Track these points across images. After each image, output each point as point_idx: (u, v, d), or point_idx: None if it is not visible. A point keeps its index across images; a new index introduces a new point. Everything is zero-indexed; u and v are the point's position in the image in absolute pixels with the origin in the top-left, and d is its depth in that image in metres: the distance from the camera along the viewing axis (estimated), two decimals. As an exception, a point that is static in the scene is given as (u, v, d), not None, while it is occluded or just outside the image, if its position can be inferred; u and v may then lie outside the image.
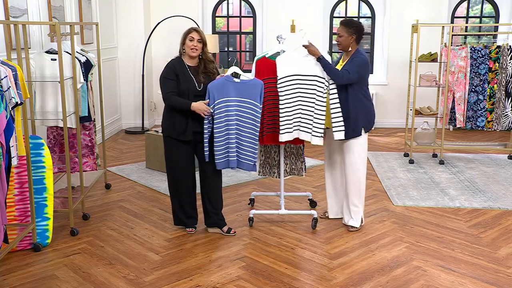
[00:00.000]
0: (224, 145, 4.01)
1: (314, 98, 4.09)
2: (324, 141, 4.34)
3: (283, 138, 4.15)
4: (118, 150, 7.06)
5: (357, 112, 4.14)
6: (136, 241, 4.10)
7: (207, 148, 4.00)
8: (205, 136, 3.98)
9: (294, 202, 5.00)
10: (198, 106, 3.89)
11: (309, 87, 4.09)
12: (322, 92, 4.08)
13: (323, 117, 4.09)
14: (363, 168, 4.29)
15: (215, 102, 3.93)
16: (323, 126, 4.10)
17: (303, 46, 4.10)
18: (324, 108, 4.08)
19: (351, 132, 4.15)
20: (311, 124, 4.11)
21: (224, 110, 3.96)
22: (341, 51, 4.29)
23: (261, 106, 4.02)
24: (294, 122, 4.15)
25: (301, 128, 4.16)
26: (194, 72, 4.02)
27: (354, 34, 4.13)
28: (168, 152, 4.12)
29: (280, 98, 4.09)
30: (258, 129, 4.05)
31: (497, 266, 3.71)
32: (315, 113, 4.08)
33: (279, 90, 4.08)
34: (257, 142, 4.08)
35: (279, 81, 4.07)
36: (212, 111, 3.93)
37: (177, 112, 3.98)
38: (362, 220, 4.39)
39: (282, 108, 4.10)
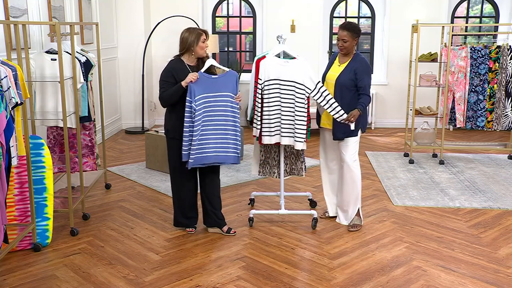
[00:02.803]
0: (197, 143, 3.94)
1: (293, 104, 4.13)
2: (319, 141, 4.40)
3: (264, 140, 4.22)
4: (118, 150, 7.06)
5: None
6: (136, 241, 4.10)
7: (187, 147, 3.93)
8: (185, 134, 3.91)
9: (294, 202, 5.00)
10: (186, 79, 3.89)
11: (288, 92, 4.13)
12: (302, 98, 4.11)
13: (304, 122, 4.13)
14: (358, 166, 4.33)
15: (196, 98, 3.89)
16: (304, 131, 4.14)
17: (346, 121, 4.08)
18: (305, 114, 4.13)
19: (349, 133, 4.21)
20: (293, 129, 4.16)
21: (203, 107, 3.93)
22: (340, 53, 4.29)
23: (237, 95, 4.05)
24: (275, 126, 4.18)
25: (283, 134, 4.19)
26: (194, 71, 4.03)
27: (357, 37, 4.18)
28: (172, 153, 4.11)
29: (261, 101, 4.15)
30: (238, 120, 4.07)
31: (497, 266, 3.71)
32: (296, 119, 4.13)
33: (260, 93, 4.14)
34: (239, 134, 4.10)
35: (260, 85, 4.12)
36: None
37: (180, 113, 3.97)
38: (361, 219, 4.41)
39: (263, 112, 4.15)
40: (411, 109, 6.89)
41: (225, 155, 4.05)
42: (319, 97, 4.10)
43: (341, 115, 4.08)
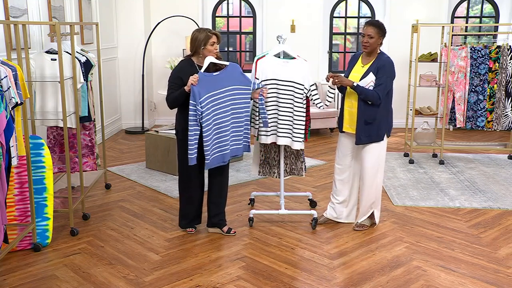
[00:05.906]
0: (212, 143, 3.91)
1: (292, 104, 4.12)
2: (338, 146, 4.35)
3: (260, 139, 4.24)
4: (118, 150, 7.06)
5: (382, 116, 4.08)
6: (136, 241, 4.10)
7: (194, 151, 3.84)
8: (190, 138, 3.81)
9: (294, 202, 5.00)
10: (188, 83, 3.80)
11: (286, 92, 4.12)
12: (301, 97, 4.11)
13: (303, 122, 4.12)
14: (382, 172, 4.25)
15: (201, 100, 3.80)
16: (303, 131, 4.13)
17: (332, 81, 4.04)
18: (304, 113, 4.11)
19: (375, 137, 4.08)
20: (291, 129, 4.16)
21: (211, 106, 3.87)
22: (363, 52, 4.16)
23: (250, 85, 4.01)
24: (271, 126, 4.19)
25: (279, 134, 4.19)
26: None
27: (382, 36, 4.07)
28: (183, 155, 4.02)
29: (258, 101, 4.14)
30: (250, 110, 4.06)
31: (497, 266, 3.71)
32: (294, 118, 4.12)
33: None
34: (250, 122, 4.10)
35: (256, 85, 4.11)
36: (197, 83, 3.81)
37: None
38: (372, 222, 4.38)
39: (259, 111, 4.13)
40: (411, 109, 6.89)
41: (237, 147, 4.07)
42: (310, 96, 4.13)
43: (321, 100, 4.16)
